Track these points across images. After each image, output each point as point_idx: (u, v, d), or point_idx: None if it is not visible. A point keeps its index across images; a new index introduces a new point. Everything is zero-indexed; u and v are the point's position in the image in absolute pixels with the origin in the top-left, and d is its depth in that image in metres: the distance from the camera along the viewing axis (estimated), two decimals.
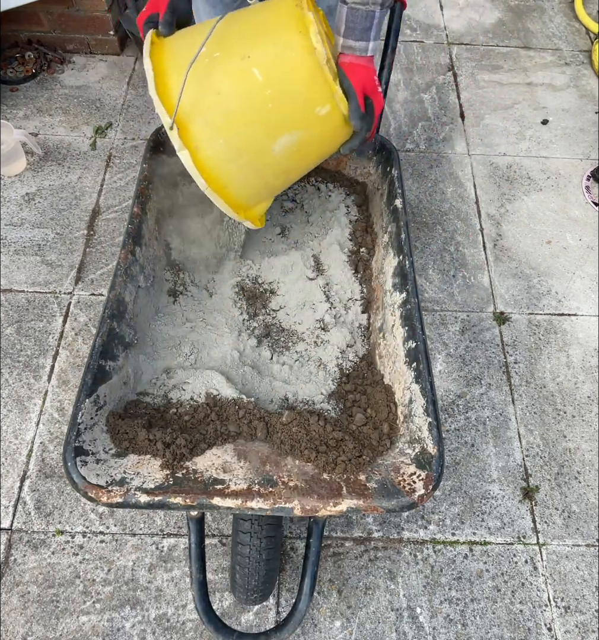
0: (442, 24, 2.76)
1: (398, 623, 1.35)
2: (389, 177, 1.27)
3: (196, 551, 0.99)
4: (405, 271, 1.11)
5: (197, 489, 0.82)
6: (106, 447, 0.89)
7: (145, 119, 2.27)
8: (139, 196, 1.16)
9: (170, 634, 1.31)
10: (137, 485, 0.82)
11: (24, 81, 2.31)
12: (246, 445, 0.96)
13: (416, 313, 1.04)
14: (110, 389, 0.95)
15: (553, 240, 2.03)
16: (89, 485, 0.80)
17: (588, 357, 1.76)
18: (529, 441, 1.60)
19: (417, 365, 0.98)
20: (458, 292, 1.88)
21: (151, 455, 0.89)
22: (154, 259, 1.19)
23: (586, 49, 2.68)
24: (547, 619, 1.37)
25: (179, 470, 0.86)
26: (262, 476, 0.86)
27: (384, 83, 1.38)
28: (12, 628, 1.30)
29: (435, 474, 0.86)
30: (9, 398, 1.59)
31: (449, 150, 2.27)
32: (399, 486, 0.85)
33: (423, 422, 0.92)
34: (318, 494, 0.84)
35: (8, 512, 1.43)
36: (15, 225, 1.93)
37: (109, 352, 0.96)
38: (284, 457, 0.92)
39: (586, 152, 2.29)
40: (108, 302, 1.00)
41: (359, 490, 0.84)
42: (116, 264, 1.05)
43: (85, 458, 0.84)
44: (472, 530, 1.47)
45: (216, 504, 0.81)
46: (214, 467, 0.88)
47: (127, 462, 0.87)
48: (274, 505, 0.82)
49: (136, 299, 1.08)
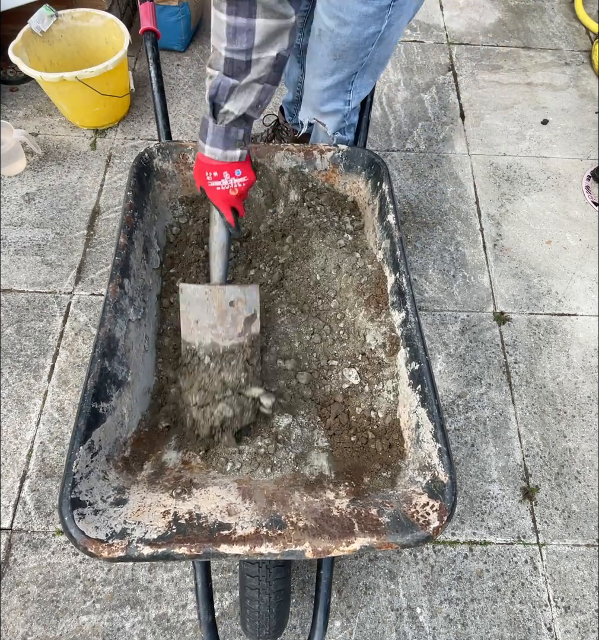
0: (442, 24, 2.76)
1: (398, 623, 1.35)
2: (379, 192, 1.24)
3: (203, 591, 0.94)
4: (403, 289, 1.07)
5: (202, 537, 0.78)
6: (104, 496, 0.84)
7: (145, 119, 2.27)
8: (124, 226, 1.10)
9: (170, 634, 1.31)
10: (139, 536, 0.77)
11: (24, 81, 2.31)
12: (250, 483, 0.92)
13: (416, 333, 1.00)
14: (104, 432, 0.90)
15: (553, 240, 2.03)
16: (89, 540, 0.76)
17: (588, 357, 1.76)
18: (529, 441, 1.60)
19: (422, 388, 0.94)
20: (458, 292, 1.88)
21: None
22: (144, 289, 1.14)
23: (586, 49, 2.68)
24: (547, 619, 1.37)
25: (182, 517, 0.81)
26: (269, 517, 0.81)
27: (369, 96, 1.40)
28: (12, 628, 1.30)
29: (449, 503, 0.82)
30: (9, 398, 1.59)
31: (449, 150, 2.27)
32: (413, 519, 0.81)
33: (432, 448, 0.89)
34: (329, 533, 0.79)
35: (8, 512, 1.43)
36: (15, 225, 1.93)
37: (101, 393, 0.91)
38: (290, 494, 0.88)
39: (586, 152, 2.29)
40: (98, 340, 0.94)
41: (371, 527, 0.80)
42: (104, 299, 1.00)
43: (82, 510, 0.79)
44: (472, 530, 1.47)
45: (223, 551, 0.76)
46: (218, 510, 0.83)
47: (126, 511, 0.82)
48: (284, 549, 0.77)
49: (127, 334, 1.02)
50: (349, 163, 1.31)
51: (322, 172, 1.33)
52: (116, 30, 2.09)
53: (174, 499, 0.85)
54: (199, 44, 2.57)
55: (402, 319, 1.06)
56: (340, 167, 1.32)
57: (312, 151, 1.30)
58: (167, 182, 1.30)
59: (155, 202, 1.27)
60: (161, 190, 1.29)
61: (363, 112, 1.41)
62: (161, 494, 0.87)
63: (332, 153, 1.30)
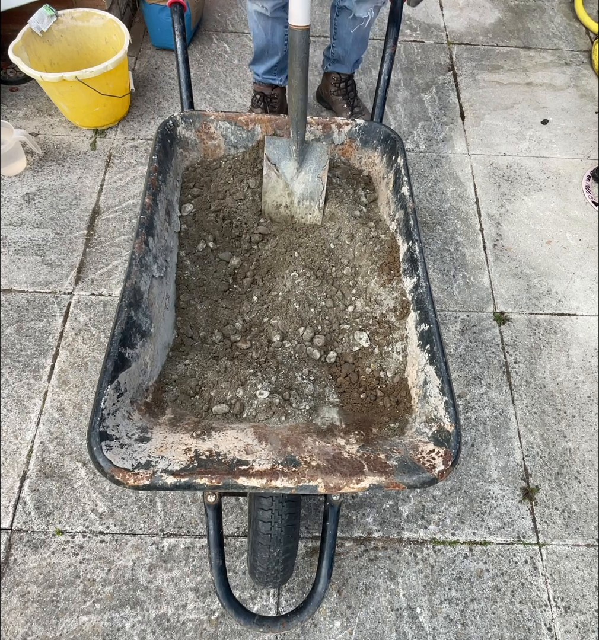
0: (442, 24, 2.76)
1: (398, 623, 1.35)
2: (394, 166, 1.29)
3: (214, 537, 0.99)
4: (415, 256, 1.13)
5: (222, 470, 0.83)
6: (129, 433, 0.89)
7: (145, 119, 2.27)
8: (149, 187, 1.16)
9: (170, 634, 1.31)
10: (163, 467, 0.82)
11: (24, 81, 2.31)
12: (266, 429, 0.96)
13: (427, 296, 1.06)
14: (130, 376, 0.96)
15: (553, 240, 2.03)
16: (116, 469, 0.81)
17: (588, 357, 1.76)
18: (529, 441, 1.60)
19: (431, 347, 0.99)
20: (458, 292, 1.88)
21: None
22: (166, 249, 1.20)
23: (586, 49, 2.68)
24: (547, 619, 1.37)
25: (203, 454, 0.87)
26: (284, 457, 0.87)
27: (385, 73, 1.39)
28: (12, 628, 1.30)
29: (454, 450, 0.87)
30: (9, 398, 1.59)
31: (449, 150, 2.27)
32: (419, 463, 0.86)
33: (439, 402, 0.93)
34: (341, 471, 0.84)
35: (8, 512, 1.43)
36: (15, 225, 1.93)
37: (127, 340, 0.97)
38: (304, 439, 0.93)
39: (586, 152, 2.29)
40: (125, 291, 1.00)
41: (380, 468, 0.85)
42: (130, 254, 1.06)
43: (110, 443, 0.84)
44: (472, 530, 1.47)
45: (242, 483, 0.81)
46: (236, 450, 0.88)
47: (150, 447, 0.88)
48: (299, 483, 0.82)
49: (151, 289, 1.08)
50: (366, 137, 1.36)
51: (339, 146, 1.38)
52: (116, 30, 2.09)
53: (195, 439, 0.91)
54: (199, 44, 2.57)
55: (413, 284, 1.12)
56: (357, 141, 1.37)
57: (330, 124, 1.36)
58: (189, 150, 1.35)
59: (177, 169, 1.32)
60: (182, 158, 1.34)
61: (379, 89, 1.43)
62: (182, 435, 0.92)
63: (349, 127, 1.35)
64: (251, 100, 2.27)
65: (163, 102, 2.34)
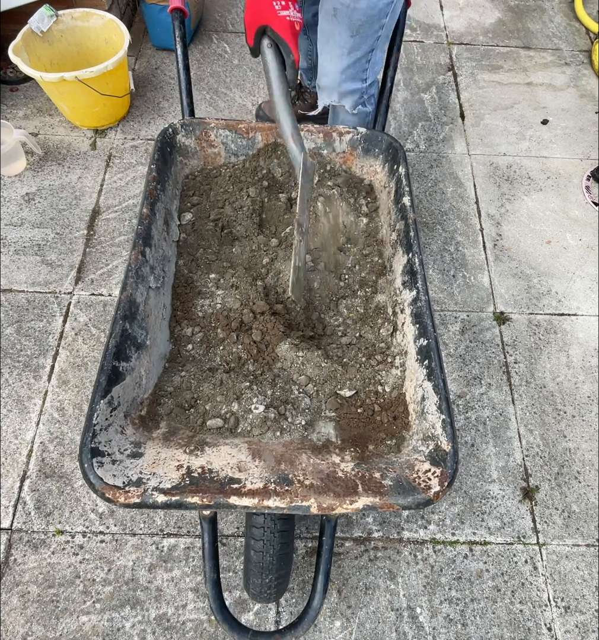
0: (442, 24, 2.76)
1: (398, 623, 1.35)
2: (396, 175, 1.28)
3: (209, 550, 0.99)
4: (415, 269, 1.12)
5: (214, 489, 0.82)
6: (121, 448, 0.88)
7: (145, 119, 2.27)
8: (147, 197, 1.15)
9: (170, 634, 1.31)
10: (154, 485, 0.82)
11: (24, 81, 2.31)
12: (260, 444, 0.96)
13: (426, 310, 1.05)
14: (123, 390, 0.95)
15: (553, 240, 2.03)
16: (107, 487, 0.80)
17: (588, 357, 1.76)
18: (529, 441, 1.60)
19: (429, 363, 0.98)
20: (458, 292, 1.88)
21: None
22: (163, 259, 1.19)
23: (586, 49, 2.68)
24: (547, 619, 1.37)
25: (195, 471, 0.86)
26: (277, 475, 0.86)
27: (389, 81, 1.39)
28: (12, 628, 1.30)
29: (450, 470, 0.86)
30: (9, 398, 1.59)
31: (449, 150, 2.27)
32: (415, 483, 0.85)
33: (437, 420, 0.92)
34: (334, 491, 0.83)
35: (8, 512, 1.43)
36: (15, 225, 1.93)
37: (122, 353, 0.96)
38: (298, 456, 0.92)
39: (586, 152, 2.29)
40: (120, 303, 0.99)
41: (374, 488, 0.84)
42: (127, 265, 1.04)
43: (101, 459, 0.84)
44: (472, 530, 1.47)
45: (233, 503, 0.81)
46: (229, 467, 0.88)
47: (142, 463, 0.87)
48: (291, 503, 0.82)
49: (147, 300, 1.07)
50: (367, 146, 1.34)
51: (341, 154, 1.36)
52: (116, 30, 2.09)
53: (187, 455, 0.90)
54: (199, 44, 2.57)
55: (413, 297, 1.11)
56: (358, 149, 1.35)
57: (332, 133, 1.34)
58: (189, 158, 1.33)
59: (177, 177, 1.31)
60: (182, 166, 1.32)
61: (382, 96, 1.42)
62: (175, 450, 0.91)
63: (351, 135, 1.33)
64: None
65: (163, 102, 2.34)
